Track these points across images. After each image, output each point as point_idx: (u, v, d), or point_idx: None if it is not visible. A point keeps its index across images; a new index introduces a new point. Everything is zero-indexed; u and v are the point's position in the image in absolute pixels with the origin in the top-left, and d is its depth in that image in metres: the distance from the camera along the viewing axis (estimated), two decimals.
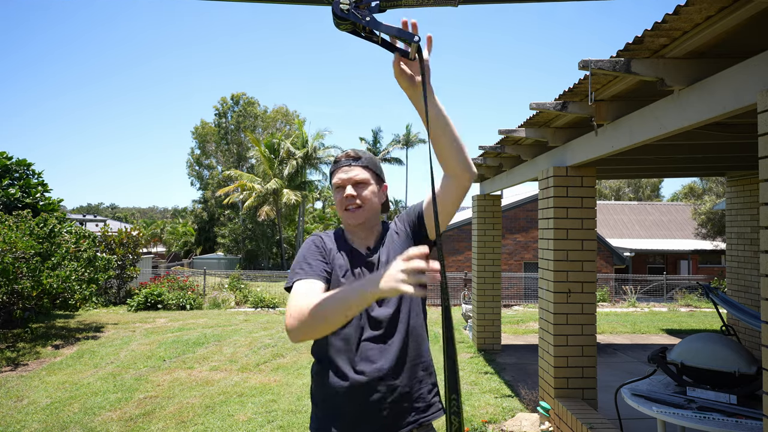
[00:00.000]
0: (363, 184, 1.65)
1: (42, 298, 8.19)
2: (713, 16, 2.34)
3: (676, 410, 2.95)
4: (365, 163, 1.68)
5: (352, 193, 1.63)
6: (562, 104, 3.75)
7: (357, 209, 1.64)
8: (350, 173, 1.65)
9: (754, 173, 6.69)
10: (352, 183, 1.64)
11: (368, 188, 1.66)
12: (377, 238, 1.73)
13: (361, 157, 1.68)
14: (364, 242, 1.70)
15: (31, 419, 4.84)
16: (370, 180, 1.67)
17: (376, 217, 1.71)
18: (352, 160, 1.66)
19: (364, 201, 1.64)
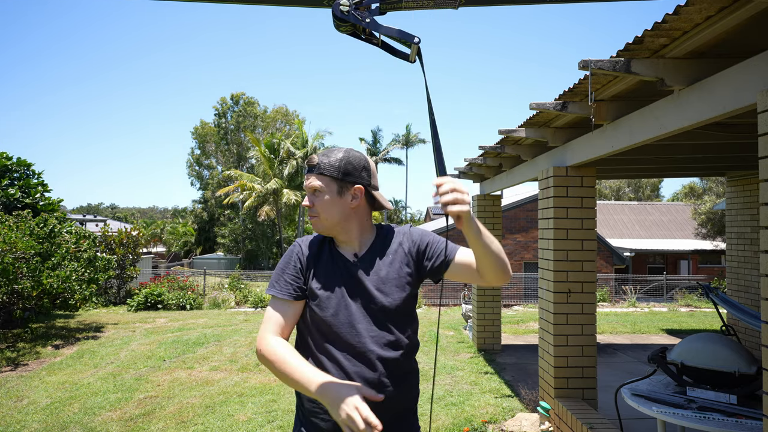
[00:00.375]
0: (318, 192, 1.60)
1: (42, 298, 8.19)
2: (713, 16, 2.34)
3: (676, 410, 2.95)
4: (321, 171, 1.60)
5: (307, 203, 1.62)
6: (562, 104, 3.75)
7: (314, 218, 1.62)
8: (307, 181, 1.62)
9: (754, 173, 6.69)
10: (309, 191, 1.61)
11: (324, 196, 1.59)
12: (367, 244, 1.65)
13: (318, 164, 1.60)
14: (349, 247, 1.65)
15: (31, 419, 4.84)
16: (325, 188, 1.59)
17: (347, 222, 1.62)
18: (309, 170, 1.62)
19: (320, 210, 1.60)
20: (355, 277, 1.59)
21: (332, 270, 1.60)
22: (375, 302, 1.56)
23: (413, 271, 1.63)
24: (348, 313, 1.54)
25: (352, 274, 1.59)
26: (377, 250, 1.64)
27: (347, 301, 1.56)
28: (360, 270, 1.60)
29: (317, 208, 1.60)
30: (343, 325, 1.54)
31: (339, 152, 1.62)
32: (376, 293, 1.56)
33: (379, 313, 1.56)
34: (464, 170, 7.58)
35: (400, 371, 1.57)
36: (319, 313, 1.56)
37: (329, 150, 1.63)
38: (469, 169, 7.40)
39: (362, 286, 1.58)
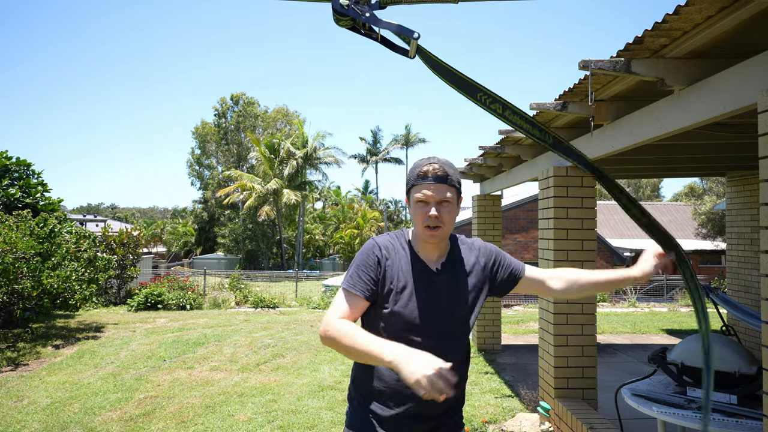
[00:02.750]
0: (447, 203, 1.61)
1: (42, 298, 8.19)
2: (713, 16, 2.34)
3: (676, 410, 2.95)
4: (453, 183, 1.62)
5: (435, 213, 1.59)
6: (563, 104, 3.75)
7: (437, 229, 1.61)
8: (437, 192, 1.59)
9: (754, 173, 6.69)
10: (436, 202, 1.60)
11: (451, 207, 1.62)
12: (447, 254, 1.70)
13: (449, 175, 1.61)
14: (434, 257, 1.68)
15: (32, 419, 4.84)
16: (453, 199, 1.63)
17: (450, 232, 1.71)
18: (441, 180, 1.60)
19: (446, 222, 1.61)
20: (435, 285, 1.64)
21: (414, 275, 1.63)
22: (451, 310, 1.63)
23: (486, 286, 1.73)
24: (424, 316, 1.60)
25: (433, 282, 1.64)
26: (456, 260, 1.70)
27: (425, 305, 1.61)
28: (441, 279, 1.65)
29: (444, 218, 1.60)
30: (418, 327, 1.60)
31: (449, 161, 1.66)
32: (453, 303, 1.64)
33: (452, 321, 1.63)
34: (464, 170, 7.58)
35: (460, 372, 1.64)
36: (396, 313, 1.60)
37: (442, 160, 1.65)
38: (469, 169, 7.40)
39: (441, 295, 1.64)
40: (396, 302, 1.61)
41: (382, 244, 1.68)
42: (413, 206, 1.64)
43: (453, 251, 1.72)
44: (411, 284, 1.63)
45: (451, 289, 1.65)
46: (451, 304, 1.64)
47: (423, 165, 1.63)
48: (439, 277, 1.65)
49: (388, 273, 1.63)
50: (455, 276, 1.68)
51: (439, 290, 1.64)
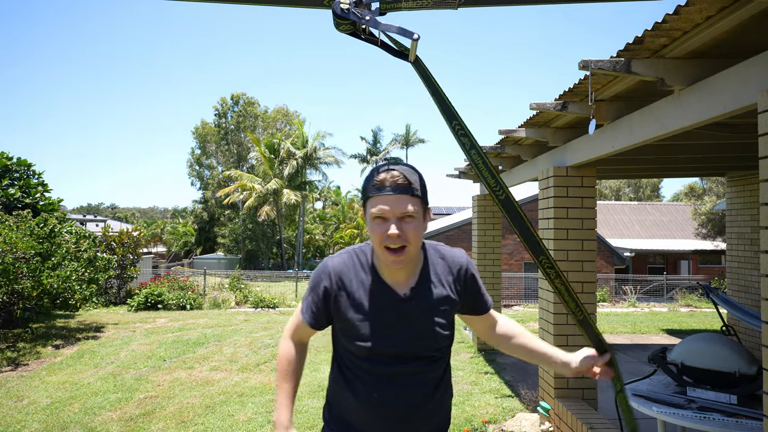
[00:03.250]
0: (411, 218, 1.35)
1: (42, 298, 8.19)
2: (713, 16, 2.34)
3: (676, 410, 2.95)
4: (417, 192, 1.37)
5: (396, 232, 1.32)
6: (563, 104, 3.75)
7: (401, 252, 1.35)
8: (397, 206, 1.34)
9: (754, 173, 6.69)
10: (397, 217, 1.34)
11: (416, 222, 1.36)
12: (418, 274, 1.46)
13: (412, 183, 1.36)
14: (402, 278, 1.44)
15: (32, 419, 4.84)
16: (420, 212, 1.38)
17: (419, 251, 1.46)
18: (401, 190, 1.34)
19: (411, 240, 1.35)
20: (405, 313, 1.43)
21: (378, 304, 1.43)
22: (426, 339, 1.45)
23: (456, 310, 1.54)
24: (394, 348, 1.43)
25: (401, 310, 1.43)
26: (430, 279, 1.47)
27: (394, 338, 1.42)
28: (412, 305, 1.44)
29: (409, 236, 1.34)
30: (389, 359, 1.43)
31: (412, 168, 1.42)
32: (427, 331, 1.44)
33: (429, 349, 1.45)
34: (464, 170, 7.58)
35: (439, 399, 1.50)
36: (362, 347, 1.43)
37: (403, 167, 1.40)
38: (469, 170, 7.40)
39: (413, 323, 1.43)
40: (358, 336, 1.42)
41: (334, 270, 1.45)
42: (369, 223, 1.37)
43: (426, 268, 1.47)
44: (375, 315, 1.41)
45: (424, 316, 1.43)
46: (426, 332, 1.44)
47: (380, 173, 1.36)
48: (409, 303, 1.43)
49: (342, 305, 1.43)
50: (428, 298, 1.44)
51: (410, 318, 1.43)
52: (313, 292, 1.47)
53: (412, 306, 1.43)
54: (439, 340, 1.46)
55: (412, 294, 1.44)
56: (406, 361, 1.43)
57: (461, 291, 1.51)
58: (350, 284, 1.44)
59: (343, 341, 1.47)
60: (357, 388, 1.45)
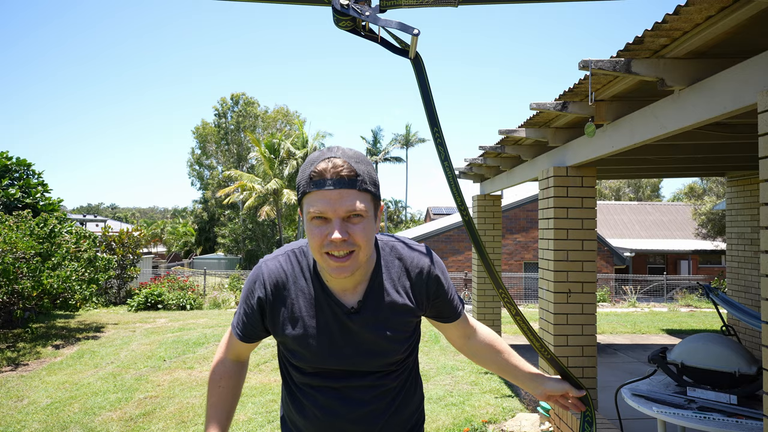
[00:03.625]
0: (359, 217, 1.11)
1: (42, 298, 8.19)
2: (713, 16, 2.34)
3: (676, 410, 2.95)
4: (365, 186, 1.12)
5: (339, 237, 1.08)
6: (563, 104, 3.75)
7: (347, 258, 1.11)
8: (341, 203, 1.08)
9: (754, 173, 6.69)
10: (341, 217, 1.09)
11: (365, 222, 1.12)
12: (368, 280, 1.24)
13: (359, 175, 1.10)
14: (349, 287, 1.23)
15: (31, 419, 4.84)
16: (370, 209, 1.13)
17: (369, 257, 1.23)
18: (346, 183, 1.09)
19: (360, 243, 1.11)
20: (350, 329, 1.23)
21: (320, 318, 1.23)
22: (375, 356, 1.25)
23: (417, 318, 1.32)
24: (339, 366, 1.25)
25: (346, 325, 1.23)
26: (382, 288, 1.24)
27: (338, 355, 1.24)
28: (359, 320, 1.23)
29: (357, 239, 1.10)
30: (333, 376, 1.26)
31: (358, 155, 1.16)
32: (376, 348, 1.25)
33: (379, 365, 1.27)
34: (464, 170, 7.58)
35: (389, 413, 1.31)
36: (300, 367, 1.28)
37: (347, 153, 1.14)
38: (469, 169, 7.40)
39: (360, 340, 1.24)
40: (299, 354, 1.25)
41: (269, 278, 1.24)
42: (307, 225, 1.12)
43: (378, 273, 1.24)
44: (317, 331, 1.22)
45: (374, 330, 1.23)
46: (377, 347, 1.24)
47: (317, 162, 1.10)
48: (357, 316, 1.22)
49: (279, 318, 1.24)
50: (380, 309, 1.23)
51: (357, 334, 1.23)
52: (245, 304, 1.28)
53: (361, 319, 1.22)
54: (392, 355, 1.26)
55: (359, 306, 1.22)
56: (356, 376, 1.25)
57: (421, 297, 1.28)
58: (288, 294, 1.24)
59: (285, 354, 1.31)
60: (302, 404, 1.30)
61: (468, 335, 1.44)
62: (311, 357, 1.23)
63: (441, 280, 1.30)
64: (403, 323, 1.26)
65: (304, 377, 1.27)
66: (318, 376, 1.26)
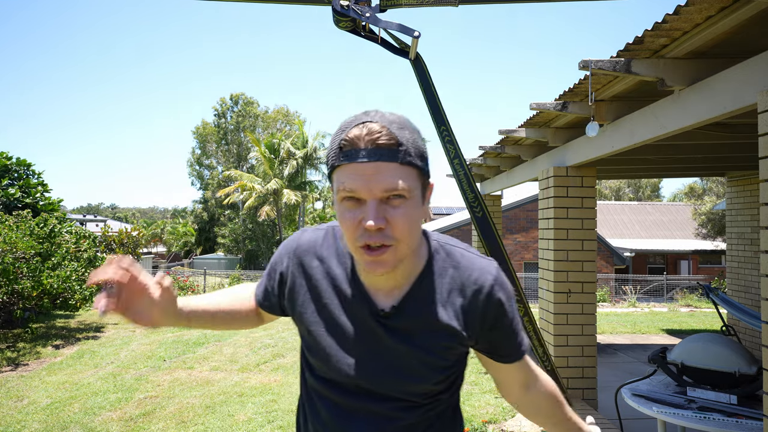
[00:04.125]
0: (401, 199, 0.86)
1: (42, 298, 8.19)
2: (713, 16, 2.34)
3: (676, 410, 2.95)
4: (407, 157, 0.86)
5: (374, 224, 0.85)
6: (563, 104, 3.75)
7: (384, 251, 0.88)
8: (378, 180, 0.85)
9: (754, 173, 6.69)
10: (378, 198, 0.86)
11: (408, 205, 0.87)
12: (411, 284, 0.99)
13: (402, 145, 0.86)
14: (387, 286, 0.99)
15: (32, 419, 4.84)
16: (415, 189, 0.88)
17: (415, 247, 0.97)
18: (385, 155, 0.85)
19: (400, 234, 0.87)
20: (378, 337, 0.99)
21: (347, 314, 1.01)
22: (395, 376, 0.99)
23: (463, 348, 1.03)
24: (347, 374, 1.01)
25: (375, 331, 0.99)
26: (425, 296, 0.98)
27: (353, 359, 1.00)
28: (391, 330, 0.98)
29: (398, 228, 0.87)
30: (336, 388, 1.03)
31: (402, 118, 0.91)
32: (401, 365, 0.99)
33: (395, 389, 1.00)
34: None
35: None
36: (310, 354, 1.06)
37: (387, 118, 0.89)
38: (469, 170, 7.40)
39: (384, 351, 0.99)
40: (313, 347, 1.03)
41: (300, 250, 1.06)
42: (337, 206, 0.90)
43: (425, 278, 0.99)
44: (337, 327, 1.00)
45: (406, 347, 0.97)
46: (405, 369, 0.98)
47: (350, 127, 0.88)
48: (388, 323, 0.97)
49: (298, 297, 1.04)
50: (418, 323, 0.98)
51: (385, 346, 0.98)
52: (270, 270, 1.11)
53: (391, 329, 0.98)
54: (421, 382, 0.99)
55: (394, 311, 0.97)
56: (371, 398, 1.00)
57: (474, 323, 0.99)
58: (314, 273, 1.03)
59: (302, 345, 1.10)
60: (306, 411, 1.09)
61: (527, 384, 1.12)
62: (322, 355, 1.02)
63: (504, 306, 1.01)
64: (443, 348, 0.99)
65: (315, 381, 1.05)
66: (328, 385, 1.03)
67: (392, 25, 1.35)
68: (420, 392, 1.00)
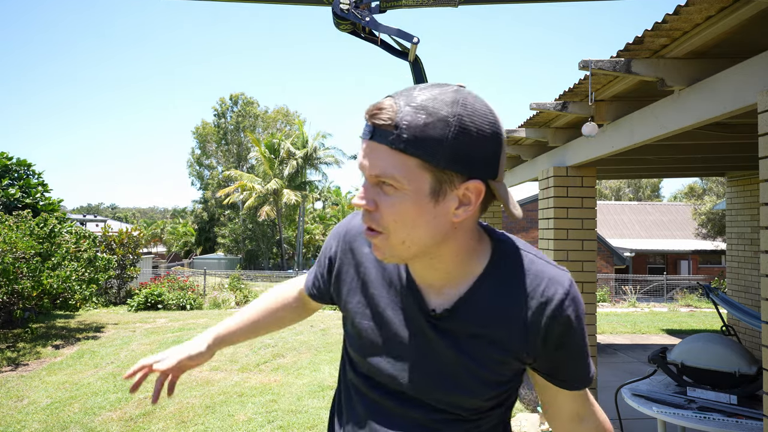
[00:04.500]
0: (390, 187, 0.79)
1: (42, 298, 8.19)
2: (713, 16, 2.34)
3: (676, 410, 2.95)
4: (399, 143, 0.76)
5: (361, 202, 0.81)
6: (563, 104, 3.75)
7: (373, 235, 0.83)
8: (366, 159, 0.80)
9: (754, 173, 6.69)
10: (370, 179, 0.81)
11: (398, 198, 0.78)
12: (464, 283, 0.89)
13: (396, 125, 0.76)
14: (432, 287, 0.90)
15: (31, 419, 4.84)
16: (412, 181, 0.77)
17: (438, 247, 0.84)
18: (374, 132, 0.78)
19: (386, 225, 0.80)
20: (427, 339, 0.90)
21: (394, 311, 0.92)
22: (439, 382, 0.90)
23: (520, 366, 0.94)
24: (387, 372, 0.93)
25: (425, 332, 0.90)
26: (484, 303, 0.88)
27: (395, 357, 0.92)
28: (442, 332, 0.89)
29: (384, 218, 0.80)
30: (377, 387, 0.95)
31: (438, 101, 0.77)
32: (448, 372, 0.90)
33: (436, 397, 0.91)
34: None
35: None
36: (350, 352, 1.01)
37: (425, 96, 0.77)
38: None
39: (429, 350, 0.90)
40: (354, 337, 0.98)
41: (353, 234, 0.99)
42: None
43: (483, 285, 0.88)
44: (383, 322, 0.92)
45: (452, 350, 0.89)
46: (446, 374, 0.90)
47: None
48: (440, 324, 0.89)
49: (345, 285, 0.98)
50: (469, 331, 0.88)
51: (431, 344, 0.90)
52: (321, 256, 1.06)
53: (442, 331, 0.89)
54: (467, 395, 0.90)
55: (449, 315, 0.88)
56: (415, 404, 0.92)
57: (536, 339, 0.88)
58: (364, 261, 0.96)
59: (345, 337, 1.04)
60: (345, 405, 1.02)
61: (582, 416, 1.00)
62: (365, 350, 0.95)
63: (572, 325, 0.89)
64: (497, 363, 0.89)
65: (355, 376, 0.98)
66: (368, 383, 0.96)
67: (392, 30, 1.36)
68: (467, 407, 0.91)
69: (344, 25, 1.36)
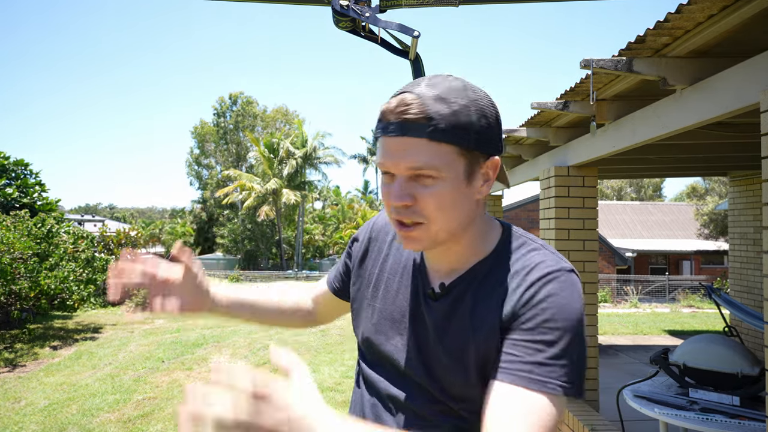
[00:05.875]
0: (428, 178, 0.81)
1: (40, 298, 8.17)
2: (715, 15, 2.31)
3: (678, 412, 2.92)
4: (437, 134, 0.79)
5: (400, 202, 0.83)
6: (564, 104, 3.72)
7: (416, 228, 0.84)
8: (401, 156, 0.81)
9: (756, 173, 6.66)
10: (404, 174, 0.82)
11: (440, 186, 0.82)
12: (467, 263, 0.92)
13: (430, 117, 0.79)
14: (442, 269, 0.94)
15: (29, 420, 4.81)
16: (450, 167, 0.81)
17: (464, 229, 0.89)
18: (410, 129, 0.80)
19: (430, 215, 0.83)
20: (422, 318, 0.93)
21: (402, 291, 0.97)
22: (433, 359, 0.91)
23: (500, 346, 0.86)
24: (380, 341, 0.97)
25: (421, 311, 0.93)
26: (477, 283, 0.90)
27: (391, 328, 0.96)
28: (436, 310, 0.91)
29: (427, 210, 0.83)
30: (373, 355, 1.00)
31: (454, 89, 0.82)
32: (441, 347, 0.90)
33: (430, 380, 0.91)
34: None
35: None
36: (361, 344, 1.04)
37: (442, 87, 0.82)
38: None
39: (424, 334, 0.92)
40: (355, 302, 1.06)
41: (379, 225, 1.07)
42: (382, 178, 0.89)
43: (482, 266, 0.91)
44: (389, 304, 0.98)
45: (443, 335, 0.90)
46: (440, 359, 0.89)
47: (392, 97, 0.84)
48: (435, 304, 0.91)
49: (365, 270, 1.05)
50: (459, 314, 0.89)
51: (425, 329, 0.92)
52: (346, 253, 1.13)
53: (434, 310, 0.92)
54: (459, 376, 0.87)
55: (446, 292, 0.91)
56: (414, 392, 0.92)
57: (509, 317, 0.84)
58: (384, 248, 1.04)
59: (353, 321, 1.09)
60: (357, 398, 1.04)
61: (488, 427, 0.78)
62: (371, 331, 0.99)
63: (545, 304, 0.81)
64: (489, 348, 0.85)
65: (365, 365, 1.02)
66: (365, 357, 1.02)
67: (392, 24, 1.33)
68: (455, 394, 0.88)
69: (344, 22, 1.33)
